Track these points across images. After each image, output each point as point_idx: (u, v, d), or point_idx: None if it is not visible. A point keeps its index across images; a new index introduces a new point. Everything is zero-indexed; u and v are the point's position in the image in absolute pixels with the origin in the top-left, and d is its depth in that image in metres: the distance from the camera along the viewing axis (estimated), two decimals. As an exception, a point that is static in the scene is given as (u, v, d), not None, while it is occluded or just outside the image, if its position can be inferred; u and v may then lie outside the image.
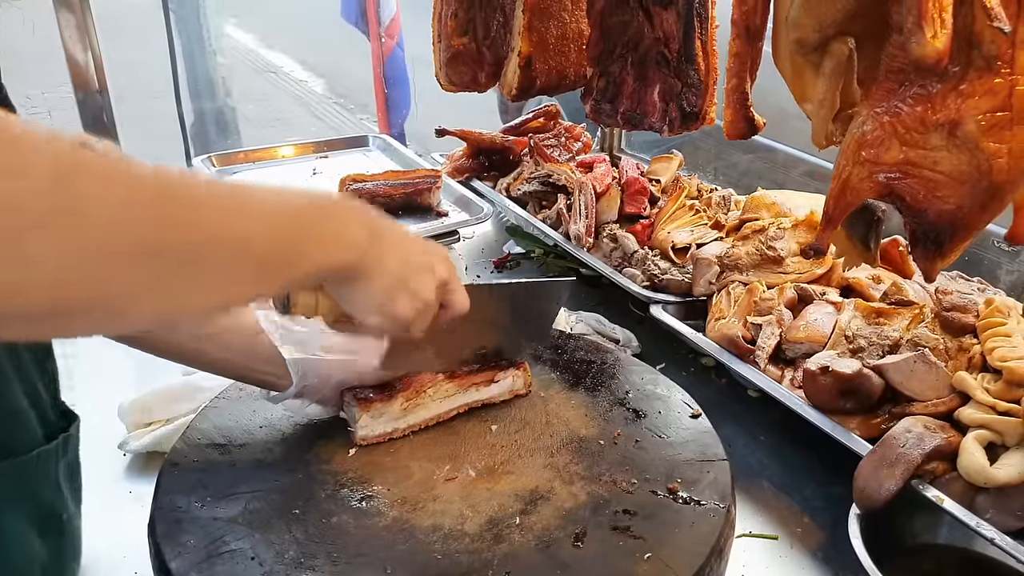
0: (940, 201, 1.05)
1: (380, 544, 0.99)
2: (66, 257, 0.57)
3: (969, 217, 1.06)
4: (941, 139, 1.00)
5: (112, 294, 0.62)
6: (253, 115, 7.19)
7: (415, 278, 0.94)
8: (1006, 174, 0.97)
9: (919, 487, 1.12)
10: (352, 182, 1.76)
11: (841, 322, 1.39)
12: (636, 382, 1.34)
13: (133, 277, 0.62)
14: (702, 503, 1.07)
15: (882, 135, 1.04)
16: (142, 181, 0.63)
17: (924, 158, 1.04)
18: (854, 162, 1.06)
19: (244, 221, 0.73)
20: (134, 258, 0.61)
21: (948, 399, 1.21)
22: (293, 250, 0.79)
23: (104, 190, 0.59)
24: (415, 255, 0.95)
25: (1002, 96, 0.95)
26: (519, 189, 2.05)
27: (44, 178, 0.55)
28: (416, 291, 0.94)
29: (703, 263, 1.59)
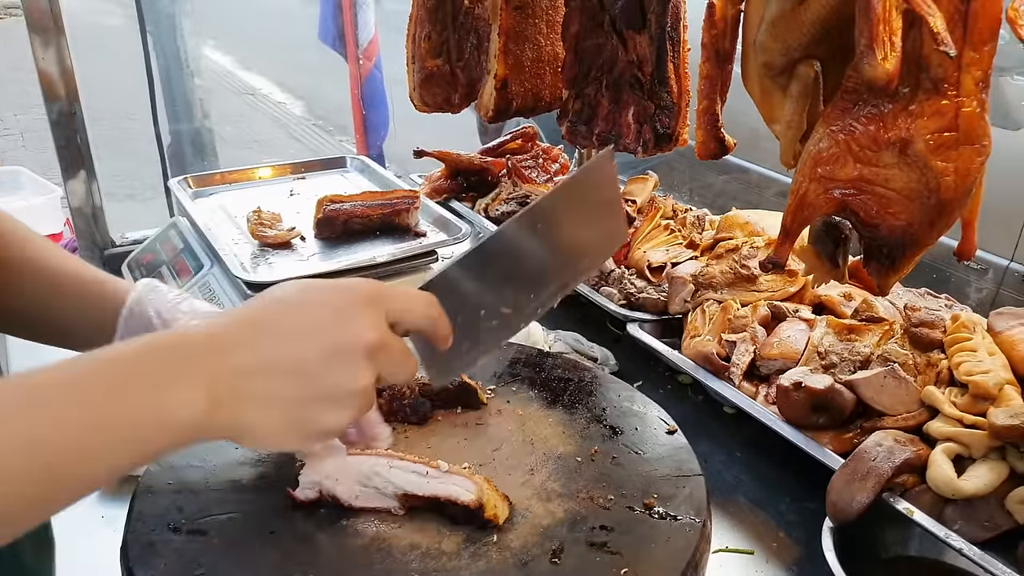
0: (892, 217, 1.09)
1: (357, 564, 0.99)
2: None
3: (919, 233, 1.09)
4: (893, 157, 1.03)
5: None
6: (231, 137, 7.19)
7: (312, 412, 0.71)
8: (953, 191, 1.01)
9: (890, 500, 1.14)
10: (329, 203, 1.77)
11: (813, 339, 1.41)
12: (613, 399, 1.35)
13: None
14: (678, 518, 1.08)
15: (837, 152, 1.07)
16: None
17: (877, 175, 1.07)
18: (810, 178, 1.09)
19: (25, 422, 0.59)
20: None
21: (917, 413, 1.23)
22: (80, 455, 0.62)
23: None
24: (299, 374, 0.69)
25: (949, 117, 0.98)
26: (497, 210, 2.07)
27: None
28: (322, 423, 0.72)
29: (678, 282, 1.61)
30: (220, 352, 0.68)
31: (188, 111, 4.46)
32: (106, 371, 0.65)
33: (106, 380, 0.64)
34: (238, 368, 0.68)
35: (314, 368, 0.70)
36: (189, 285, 1.76)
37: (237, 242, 1.77)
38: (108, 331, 0.97)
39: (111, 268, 2.05)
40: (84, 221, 2.05)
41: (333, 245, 1.77)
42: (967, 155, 0.99)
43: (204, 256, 1.81)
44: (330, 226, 1.77)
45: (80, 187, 2.02)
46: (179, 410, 0.65)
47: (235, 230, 1.83)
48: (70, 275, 0.97)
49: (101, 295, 0.98)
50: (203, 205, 1.97)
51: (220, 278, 1.72)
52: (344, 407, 0.73)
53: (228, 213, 1.92)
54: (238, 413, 0.69)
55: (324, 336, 0.70)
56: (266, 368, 0.69)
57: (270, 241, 1.74)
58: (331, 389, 0.71)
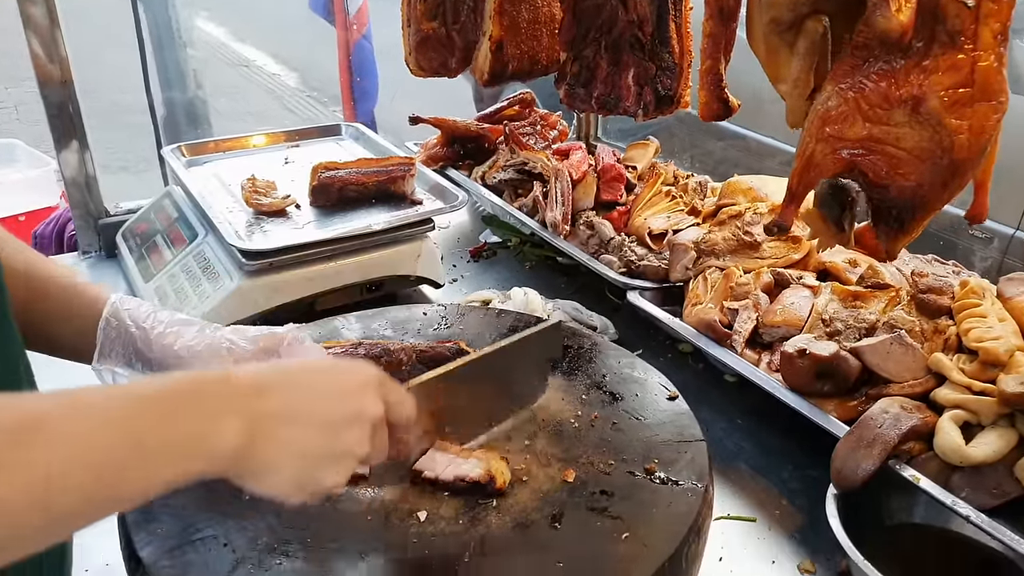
0: (902, 178, 1.05)
1: (355, 529, 0.97)
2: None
3: (930, 194, 1.06)
4: (904, 115, 1.00)
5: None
6: (225, 109, 7.12)
7: (321, 468, 0.79)
8: (967, 151, 0.97)
9: (896, 467, 1.12)
10: (324, 170, 1.73)
11: (818, 306, 1.39)
12: (613, 366, 1.33)
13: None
14: (679, 483, 1.06)
15: (846, 111, 1.03)
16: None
17: (887, 134, 1.04)
18: (817, 138, 1.06)
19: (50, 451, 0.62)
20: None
21: (924, 380, 1.21)
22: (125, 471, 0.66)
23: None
24: (324, 429, 0.78)
25: (964, 72, 0.95)
26: (494, 177, 2.04)
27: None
28: (324, 480, 0.79)
29: (680, 249, 1.58)
30: (262, 396, 0.75)
31: (181, 81, 4.40)
32: (159, 397, 0.71)
33: (160, 405, 0.70)
34: (275, 413, 0.75)
35: (336, 427, 0.79)
36: (184, 254, 1.73)
37: (232, 210, 1.74)
38: (90, 338, 1.00)
39: (106, 238, 2.03)
40: (78, 191, 2.02)
41: (328, 213, 1.74)
42: (983, 112, 0.95)
43: (199, 225, 1.78)
44: (325, 194, 1.73)
45: (73, 157, 1.98)
46: (220, 441, 0.71)
47: (230, 198, 1.80)
48: (53, 280, 1.00)
49: (81, 302, 1.00)
50: (197, 174, 1.94)
51: (215, 247, 1.69)
52: (344, 468, 0.81)
53: (222, 181, 1.88)
54: (263, 454, 0.74)
55: (349, 402, 0.81)
56: (298, 418, 0.77)
57: (265, 209, 1.71)
58: (341, 449, 0.80)
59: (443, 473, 1.02)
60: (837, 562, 1.16)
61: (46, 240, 2.20)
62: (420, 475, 1.03)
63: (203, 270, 1.65)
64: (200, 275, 1.65)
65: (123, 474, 0.66)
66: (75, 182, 2.01)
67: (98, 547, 1.08)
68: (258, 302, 1.58)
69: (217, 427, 0.71)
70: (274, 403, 0.76)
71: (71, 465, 0.63)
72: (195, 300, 1.60)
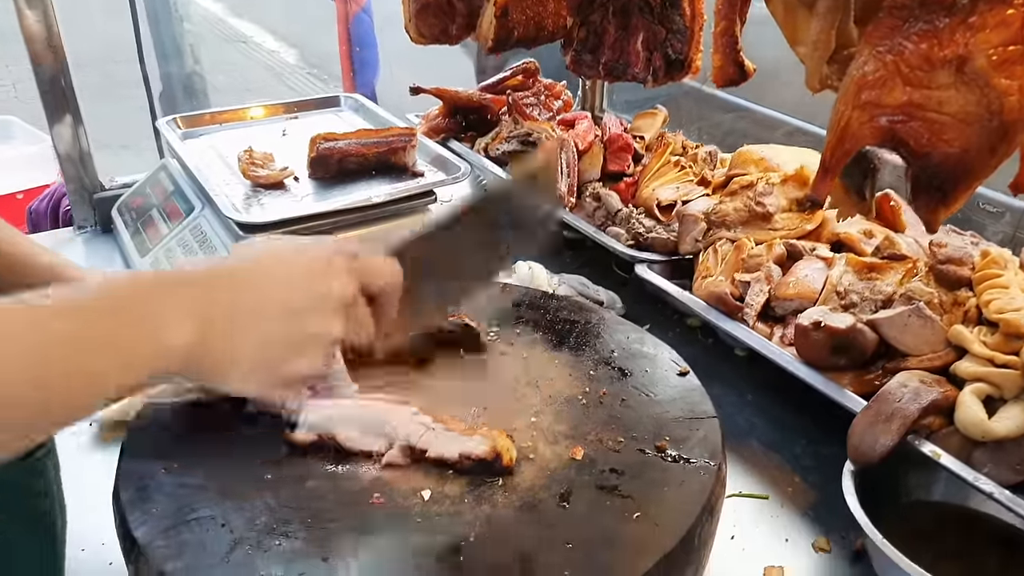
0: (946, 144, 1.00)
1: (357, 509, 0.94)
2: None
3: (976, 161, 1.01)
4: (948, 77, 0.95)
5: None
6: (223, 85, 7.05)
7: (286, 356, 0.75)
8: (1018, 112, 0.92)
9: (915, 442, 1.08)
10: (323, 141, 1.69)
11: (832, 277, 1.34)
12: (622, 341, 1.29)
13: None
14: (691, 461, 1.03)
15: (884, 75, 0.98)
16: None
17: (929, 98, 0.98)
18: (854, 106, 1.01)
19: (31, 340, 0.62)
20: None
21: (944, 353, 1.17)
22: (79, 375, 0.65)
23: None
24: (283, 315, 0.75)
25: (1015, 28, 0.89)
26: (498, 149, 1.99)
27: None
28: (293, 368, 0.76)
29: (690, 220, 1.54)
30: (215, 289, 0.73)
31: (178, 56, 4.34)
32: (109, 298, 0.69)
33: (109, 305, 0.68)
34: (230, 305, 0.73)
35: (297, 313, 0.76)
36: (180, 228, 1.69)
37: (229, 183, 1.69)
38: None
39: (101, 212, 1.99)
40: (72, 166, 1.98)
41: (328, 185, 1.69)
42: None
43: (195, 198, 1.74)
44: (324, 165, 1.69)
45: (67, 132, 1.94)
46: (173, 337, 0.69)
47: (227, 171, 1.75)
48: (30, 258, 0.97)
49: (59, 281, 0.97)
50: (193, 146, 1.89)
51: (212, 220, 1.65)
52: (313, 354, 0.78)
53: (219, 154, 1.84)
54: (222, 346, 0.72)
55: (310, 286, 0.77)
56: (255, 308, 0.74)
57: (262, 181, 1.67)
58: (307, 335, 0.77)
59: (447, 451, 0.99)
60: (852, 540, 1.13)
61: (41, 216, 2.16)
62: (424, 454, 0.99)
63: (200, 244, 1.61)
64: (197, 249, 1.61)
65: (70, 383, 0.65)
66: (69, 157, 1.96)
67: (94, 526, 1.05)
68: (256, 277, 1.54)
69: (164, 324, 0.69)
70: (229, 295, 0.73)
71: (14, 379, 0.61)
72: (192, 275, 1.56)
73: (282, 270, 0.78)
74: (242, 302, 0.74)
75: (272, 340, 0.75)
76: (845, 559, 1.11)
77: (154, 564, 0.86)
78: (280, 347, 0.75)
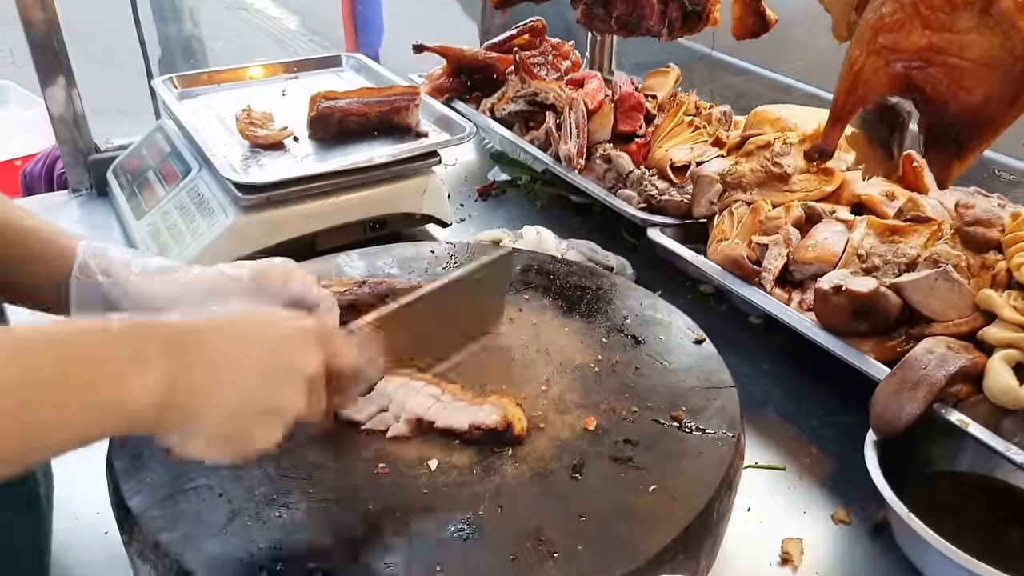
0: (965, 92, 0.95)
1: (361, 479, 0.90)
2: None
3: (996, 110, 0.95)
4: (971, 20, 0.89)
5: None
6: (223, 52, 6.93)
7: (252, 424, 0.70)
8: (1045, 58, 0.86)
9: (941, 411, 1.04)
10: (323, 99, 1.62)
11: (853, 240, 1.29)
12: (634, 307, 1.25)
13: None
14: (709, 432, 0.99)
15: (903, 18, 0.92)
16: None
17: (950, 43, 0.93)
18: (869, 51, 0.95)
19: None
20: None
21: (971, 318, 1.12)
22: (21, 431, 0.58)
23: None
24: (258, 380, 0.70)
25: (1046, -33, 0.84)
26: (504, 109, 1.92)
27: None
28: (255, 438, 0.72)
29: (704, 181, 1.48)
30: (188, 343, 0.67)
31: (176, 19, 4.25)
32: (61, 347, 0.63)
33: (60, 355, 0.62)
34: (202, 361, 0.67)
35: (271, 379, 0.71)
36: (177, 190, 1.64)
37: (227, 144, 1.63)
38: (63, 290, 0.91)
39: (96, 175, 1.93)
40: (66, 128, 1.92)
41: (328, 146, 1.63)
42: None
43: (192, 159, 1.68)
44: (324, 125, 1.63)
45: (60, 93, 1.88)
46: (135, 396, 0.63)
47: (224, 132, 1.69)
48: (23, 229, 0.91)
49: (52, 252, 0.91)
50: (190, 107, 1.83)
51: (209, 181, 1.59)
52: (277, 426, 0.73)
53: (217, 114, 1.78)
54: (187, 410, 0.67)
55: (286, 351, 0.72)
56: (228, 366, 0.69)
57: (261, 141, 1.61)
58: (277, 404, 0.72)
59: (457, 421, 0.94)
60: (873, 512, 1.09)
61: (35, 179, 2.11)
62: (432, 425, 0.95)
63: (197, 206, 1.56)
64: (194, 212, 1.56)
65: (27, 431, 0.59)
66: (63, 119, 1.90)
67: (88, 495, 1.02)
68: (255, 239, 1.49)
69: (134, 379, 0.63)
70: (200, 353, 0.68)
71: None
72: (189, 238, 1.51)
73: (258, 330, 0.73)
74: (219, 358, 0.68)
75: (242, 405, 0.69)
76: (865, 531, 1.07)
77: (149, 535, 0.83)
78: (248, 414, 0.70)
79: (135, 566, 0.87)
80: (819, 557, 1.04)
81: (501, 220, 1.89)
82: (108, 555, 0.99)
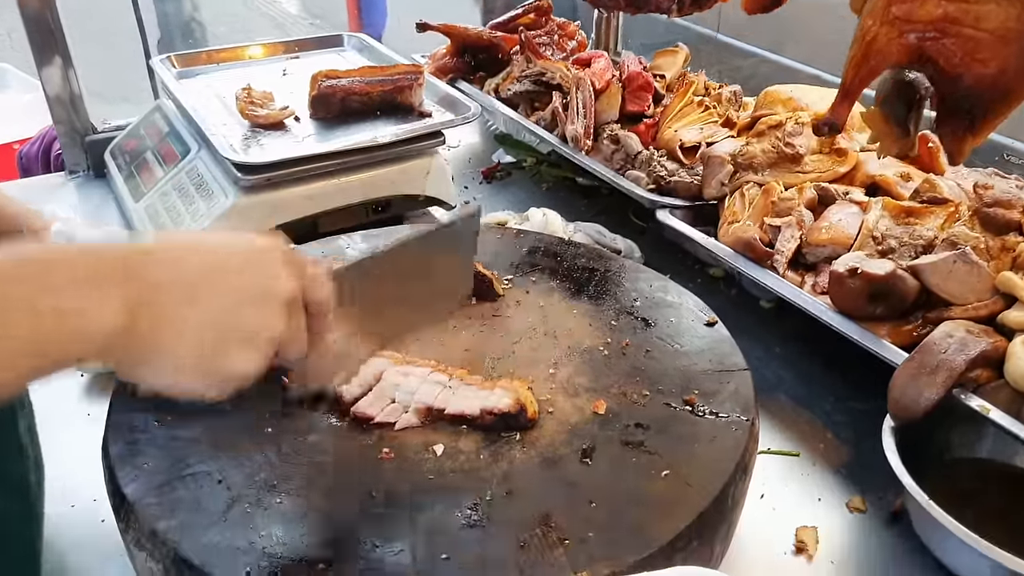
0: (980, 64, 0.91)
1: (365, 464, 0.87)
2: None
3: (1013, 83, 0.92)
4: (988, -11, 0.86)
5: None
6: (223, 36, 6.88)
7: (226, 350, 0.65)
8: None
9: (961, 396, 1.01)
10: (325, 78, 1.59)
11: (868, 222, 1.26)
12: (644, 289, 1.22)
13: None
14: (722, 416, 0.96)
15: (917, -13, 0.89)
16: None
17: (966, 13, 0.89)
18: (882, 21, 0.92)
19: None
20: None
21: (991, 302, 1.09)
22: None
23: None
24: (227, 303, 0.64)
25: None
26: (509, 89, 1.88)
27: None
28: (232, 366, 0.66)
29: (715, 162, 1.45)
30: (147, 265, 0.62)
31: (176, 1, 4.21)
32: (26, 276, 0.58)
33: (22, 272, 0.57)
34: (164, 284, 0.62)
35: (241, 301, 0.65)
36: (176, 171, 1.60)
37: (226, 124, 1.60)
38: None
39: (93, 156, 1.90)
40: (62, 108, 1.88)
41: (330, 126, 1.60)
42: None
43: (191, 140, 1.65)
44: (326, 104, 1.59)
45: (56, 73, 1.84)
46: (94, 319, 0.58)
47: (224, 112, 1.66)
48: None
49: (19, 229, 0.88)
50: (189, 86, 1.79)
51: (208, 162, 1.56)
52: (254, 353, 0.67)
53: (216, 94, 1.74)
54: (151, 334, 0.62)
55: (257, 273, 0.67)
56: (194, 290, 0.63)
57: (261, 121, 1.58)
58: (251, 327, 0.66)
59: (468, 407, 0.92)
60: (890, 500, 1.07)
61: (32, 160, 2.08)
62: (442, 412, 0.92)
63: (197, 187, 1.53)
64: (194, 193, 1.52)
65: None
66: (59, 99, 1.87)
67: (84, 481, 0.99)
68: (255, 221, 1.46)
69: (90, 301, 0.58)
70: (163, 272, 0.62)
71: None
72: (188, 220, 1.48)
73: (224, 251, 0.67)
74: (183, 281, 0.63)
75: (212, 330, 0.64)
76: (882, 520, 1.05)
77: (145, 523, 0.80)
78: (220, 339, 0.64)
79: (132, 554, 0.85)
80: (834, 546, 1.01)
81: (505, 203, 1.86)
82: (104, 543, 0.96)
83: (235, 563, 0.75)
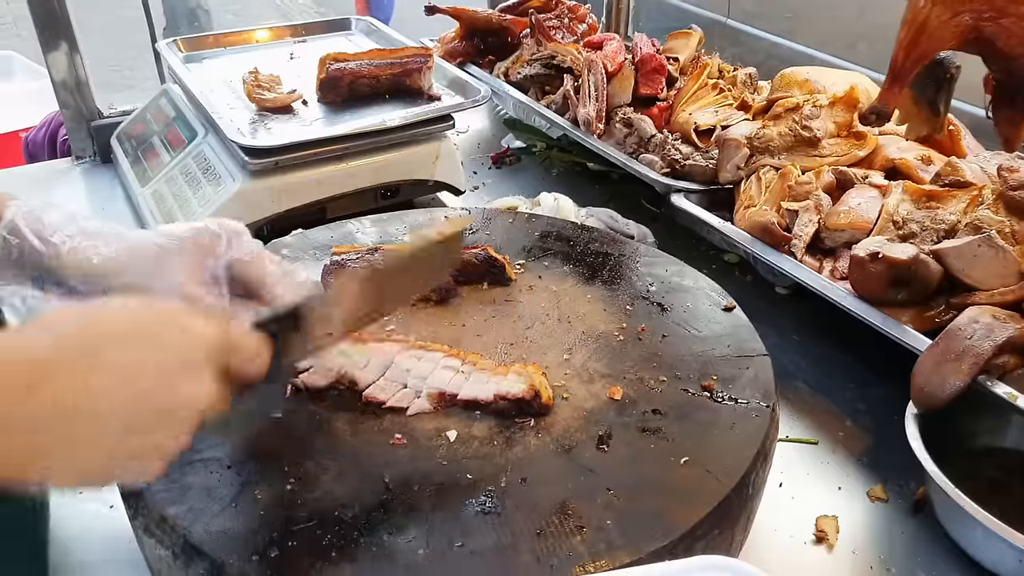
0: (1041, 46, 0.88)
1: (376, 451, 0.85)
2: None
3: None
4: (1052, -34, 0.82)
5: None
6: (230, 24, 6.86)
7: (117, 466, 0.61)
8: None
9: (987, 383, 0.98)
10: (333, 61, 1.56)
11: (888, 206, 1.23)
12: (660, 274, 1.19)
13: None
14: (741, 402, 0.94)
15: (973, -36, 0.86)
16: None
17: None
18: (934, 2, 0.88)
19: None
20: None
21: (1017, 287, 1.07)
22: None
23: None
24: (120, 428, 0.60)
25: None
26: (519, 73, 1.86)
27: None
28: (125, 478, 0.64)
29: (731, 145, 1.42)
30: (34, 388, 0.57)
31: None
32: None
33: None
34: (50, 411, 0.58)
35: (136, 427, 0.61)
36: (183, 156, 1.58)
37: (234, 108, 1.58)
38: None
39: (100, 141, 1.88)
40: (68, 93, 1.86)
41: (338, 110, 1.58)
42: None
43: (198, 124, 1.63)
44: (334, 88, 1.57)
45: (62, 59, 1.82)
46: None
47: (231, 96, 1.64)
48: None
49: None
50: (195, 71, 1.77)
51: (215, 146, 1.54)
52: (151, 466, 0.64)
53: (223, 78, 1.72)
54: (70, 421, 0.58)
55: (161, 391, 0.62)
56: (81, 417, 0.59)
57: (269, 105, 1.56)
58: (148, 447, 0.62)
59: (481, 393, 0.89)
60: (912, 489, 1.04)
61: (38, 146, 2.06)
62: (455, 398, 0.90)
63: (204, 172, 1.51)
64: (201, 178, 1.50)
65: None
66: (65, 84, 1.85)
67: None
68: (263, 206, 1.44)
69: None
70: (50, 394, 0.57)
71: None
72: (195, 205, 1.46)
73: (130, 359, 0.62)
74: (71, 408, 0.58)
75: (101, 451, 0.60)
76: (904, 509, 1.02)
77: (154, 509, 0.79)
78: (109, 458, 0.61)
79: (141, 541, 0.83)
80: (855, 535, 0.99)
81: (515, 188, 1.83)
82: (113, 529, 0.95)
83: (245, 549, 0.74)
